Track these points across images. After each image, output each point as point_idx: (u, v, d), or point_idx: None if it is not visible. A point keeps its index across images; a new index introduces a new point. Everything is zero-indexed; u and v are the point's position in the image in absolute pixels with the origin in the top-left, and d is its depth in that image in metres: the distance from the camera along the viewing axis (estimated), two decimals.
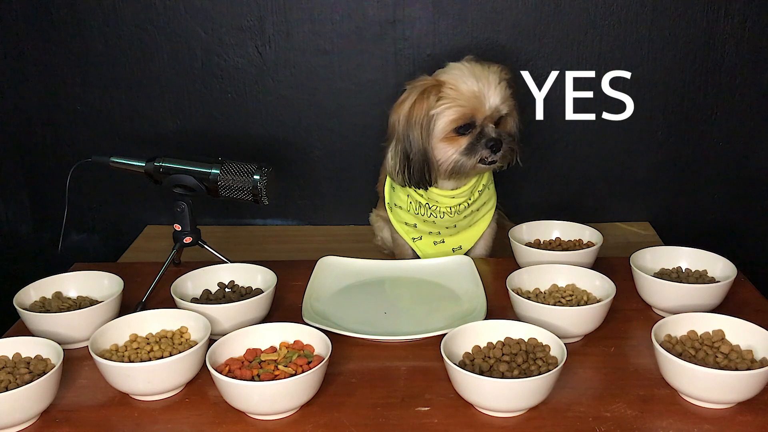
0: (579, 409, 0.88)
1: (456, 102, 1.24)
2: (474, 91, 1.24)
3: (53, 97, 1.72)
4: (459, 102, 1.24)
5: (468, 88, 1.24)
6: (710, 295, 1.07)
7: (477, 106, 1.24)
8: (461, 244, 1.40)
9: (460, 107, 1.24)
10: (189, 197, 1.21)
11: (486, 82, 1.24)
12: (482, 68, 1.26)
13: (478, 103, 1.24)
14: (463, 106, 1.24)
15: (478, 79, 1.24)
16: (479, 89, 1.24)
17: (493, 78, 1.25)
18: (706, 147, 1.74)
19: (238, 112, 1.71)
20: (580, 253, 1.22)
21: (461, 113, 1.24)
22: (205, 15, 1.64)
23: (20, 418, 0.86)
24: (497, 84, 1.25)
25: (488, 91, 1.24)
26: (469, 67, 1.26)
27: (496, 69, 1.27)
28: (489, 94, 1.24)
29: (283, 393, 0.85)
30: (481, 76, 1.25)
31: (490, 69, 1.26)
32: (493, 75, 1.25)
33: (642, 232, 1.70)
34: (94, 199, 1.80)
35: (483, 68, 1.26)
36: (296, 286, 1.19)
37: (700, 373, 0.85)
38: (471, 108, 1.24)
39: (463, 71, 1.26)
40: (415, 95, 1.25)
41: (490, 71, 1.26)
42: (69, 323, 1.03)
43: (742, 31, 1.64)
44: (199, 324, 0.99)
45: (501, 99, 1.25)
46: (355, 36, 1.65)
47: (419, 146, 1.26)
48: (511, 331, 0.96)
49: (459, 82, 1.24)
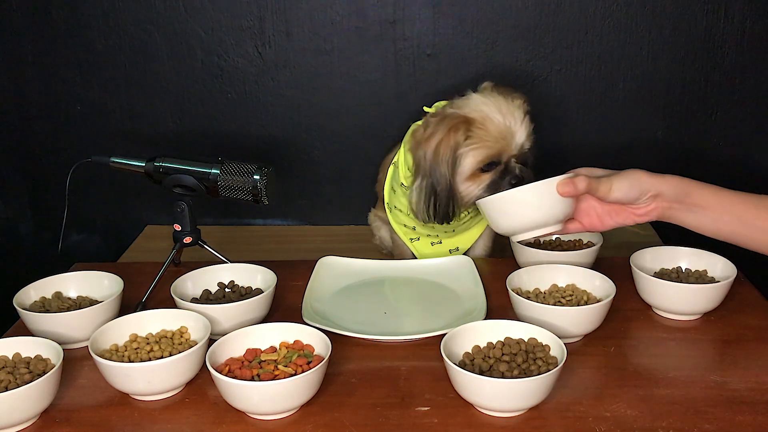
0: (579, 409, 0.88)
1: (484, 143, 1.20)
2: (502, 130, 1.20)
3: (53, 97, 1.72)
4: (487, 143, 1.20)
5: (496, 127, 1.20)
6: (710, 295, 1.07)
7: (505, 146, 1.21)
8: (458, 246, 1.40)
9: (488, 148, 1.20)
10: (189, 197, 1.21)
11: (513, 119, 1.20)
12: (507, 103, 1.21)
13: (506, 144, 1.21)
14: (491, 147, 1.20)
15: (505, 117, 1.20)
16: (506, 128, 1.20)
17: (519, 114, 1.21)
18: (706, 147, 1.74)
19: (238, 112, 1.72)
20: (580, 253, 1.22)
21: (489, 154, 1.20)
22: (205, 15, 1.64)
23: (20, 418, 0.86)
24: (522, 120, 1.21)
25: (515, 130, 1.21)
26: (495, 103, 1.21)
27: (520, 103, 1.22)
28: (516, 132, 1.21)
29: (283, 393, 0.85)
30: (507, 112, 1.20)
31: (514, 103, 1.22)
32: (518, 110, 1.21)
33: (642, 232, 1.69)
34: (94, 199, 1.80)
35: (508, 103, 1.21)
36: (296, 286, 1.19)
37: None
38: (499, 149, 1.21)
39: (490, 107, 1.21)
40: (443, 132, 1.20)
41: (515, 106, 1.21)
42: (69, 323, 1.03)
43: (742, 31, 1.64)
44: (199, 324, 0.99)
45: (527, 135, 1.22)
46: (355, 36, 1.65)
47: (446, 183, 1.22)
48: (511, 331, 0.96)
49: (487, 121, 1.20)
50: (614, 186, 1.02)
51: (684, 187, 1.02)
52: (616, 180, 1.02)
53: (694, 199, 1.02)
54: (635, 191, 1.02)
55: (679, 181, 1.02)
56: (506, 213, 1.06)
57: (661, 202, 1.03)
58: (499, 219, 1.08)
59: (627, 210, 1.06)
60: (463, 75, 1.66)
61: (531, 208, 1.04)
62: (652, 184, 1.01)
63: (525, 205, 1.04)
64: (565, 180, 1.02)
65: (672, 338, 1.06)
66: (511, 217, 1.06)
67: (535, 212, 1.04)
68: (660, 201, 1.03)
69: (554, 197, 1.02)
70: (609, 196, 1.02)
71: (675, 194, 1.02)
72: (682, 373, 0.96)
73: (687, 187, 1.02)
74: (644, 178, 1.02)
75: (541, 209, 1.04)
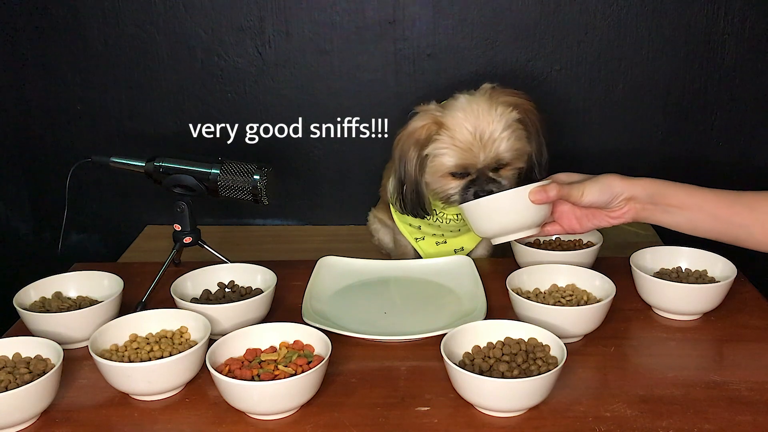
0: (579, 409, 0.88)
1: (450, 150, 1.17)
2: (469, 141, 1.16)
3: (53, 97, 1.72)
4: (453, 151, 1.17)
5: (464, 137, 1.16)
6: (710, 295, 1.07)
7: (470, 158, 1.17)
8: (463, 245, 1.40)
9: (453, 156, 1.17)
10: (189, 197, 1.21)
11: (487, 129, 1.15)
12: (488, 110, 1.16)
13: (472, 156, 1.16)
14: (457, 156, 1.17)
15: (478, 127, 1.15)
16: (475, 139, 1.15)
17: (497, 126, 1.15)
18: (706, 147, 1.74)
19: (238, 112, 1.72)
20: (580, 253, 1.22)
21: (455, 162, 1.17)
22: (205, 15, 1.64)
23: (20, 418, 0.86)
24: (500, 132, 1.16)
25: (486, 142, 1.15)
26: (474, 110, 1.16)
27: (504, 110, 1.17)
28: (486, 144, 1.16)
29: (283, 393, 0.85)
30: (483, 121, 1.15)
31: (497, 111, 1.16)
32: (498, 120, 1.16)
33: (642, 232, 1.69)
34: (94, 199, 1.80)
35: (490, 110, 1.16)
36: (296, 286, 1.19)
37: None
38: (464, 159, 1.17)
39: (466, 114, 1.16)
40: (412, 129, 1.20)
41: (496, 114, 1.16)
42: (69, 323, 1.03)
43: (742, 31, 1.64)
44: (199, 324, 0.99)
45: (503, 148, 1.16)
46: (355, 36, 1.65)
47: (412, 179, 1.21)
48: (511, 331, 0.96)
49: (457, 128, 1.16)
50: (586, 191, 1.05)
51: (657, 189, 1.04)
52: (587, 185, 1.05)
53: (668, 200, 1.04)
54: (606, 195, 1.04)
55: (651, 183, 1.05)
56: (483, 218, 1.11)
57: (634, 204, 1.05)
58: (477, 223, 1.12)
59: (602, 213, 1.09)
60: (463, 75, 1.66)
61: (506, 214, 1.08)
62: (624, 188, 1.04)
63: (500, 212, 1.09)
64: (537, 188, 1.05)
65: (672, 338, 1.06)
66: (487, 222, 1.11)
67: (510, 218, 1.08)
68: (633, 203, 1.05)
69: (527, 204, 1.06)
70: (581, 201, 1.06)
71: (648, 196, 1.04)
72: (682, 373, 0.96)
73: (660, 189, 1.04)
74: (616, 182, 1.04)
75: (516, 215, 1.08)
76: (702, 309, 1.09)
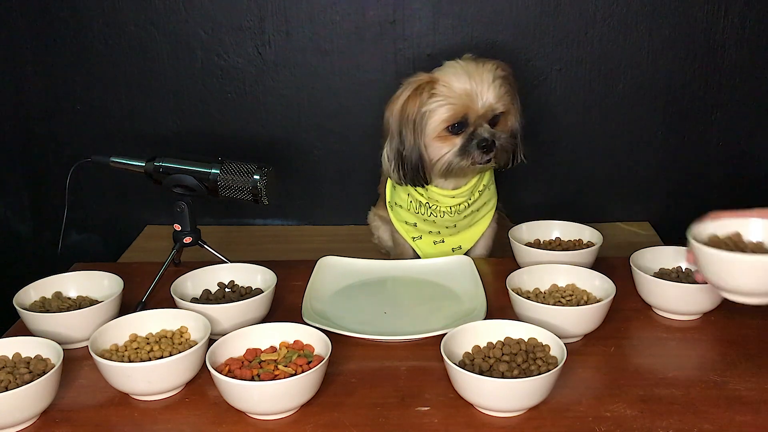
0: (579, 409, 0.88)
1: (448, 100, 1.23)
2: (466, 89, 1.22)
3: (53, 97, 1.72)
4: (451, 100, 1.23)
5: (461, 86, 1.22)
6: (710, 295, 1.07)
7: (469, 104, 1.23)
8: (461, 244, 1.40)
9: (451, 105, 1.23)
10: (189, 197, 1.21)
11: (479, 80, 1.23)
12: (477, 66, 1.25)
13: (471, 101, 1.23)
14: (455, 104, 1.23)
15: (471, 77, 1.23)
16: (472, 87, 1.22)
17: (488, 76, 1.23)
18: (706, 147, 1.74)
19: (238, 112, 1.72)
20: (580, 253, 1.22)
21: (453, 111, 1.23)
22: (205, 15, 1.64)
23: (20, 418, 0.86)
24: (491, 82, 1.23)
25: (481, 89, 1.23)
26: (463, 65, 1.25)
27: (492, 66, 1.25)
28: (482, 92, 1.23)
29: (283, 393, 0.85)
30: (474, 73, 1.23)
31: (484, 66, 1.25)
32: (488, 73, 1.24)
33: (642, 232, 1.70)
34: (94, 199, 1.80)
35: (477, 66, 1.25)
36: (296, 286, 1.19)
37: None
38: (463, 106, 1.23)
39: (456, 69, 1.24)
40: (408, 92, 1.25)
41: (485, 69, 1.24)
42: (69, 323, 1.03)
43: (742, 31, 1.64)
44: (199, 324, 0.99)
45: (495, 97, 1.24)
46: (355, 36, 1.65)
47: (412, 144, 1.25)
48: (511, 331, 0.96)
49: (452, 79, 1.23)
50: None
51: None
52: None
53: None
54: None
55: None
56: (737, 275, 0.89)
57: None
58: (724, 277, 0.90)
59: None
60: None
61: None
62: None
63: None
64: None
65: (672, 338, 1.06)
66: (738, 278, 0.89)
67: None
68: None
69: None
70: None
71: None
72: (682, 373, 0.96)
73: None
74: None
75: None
76: (702, 309, 1.09)
